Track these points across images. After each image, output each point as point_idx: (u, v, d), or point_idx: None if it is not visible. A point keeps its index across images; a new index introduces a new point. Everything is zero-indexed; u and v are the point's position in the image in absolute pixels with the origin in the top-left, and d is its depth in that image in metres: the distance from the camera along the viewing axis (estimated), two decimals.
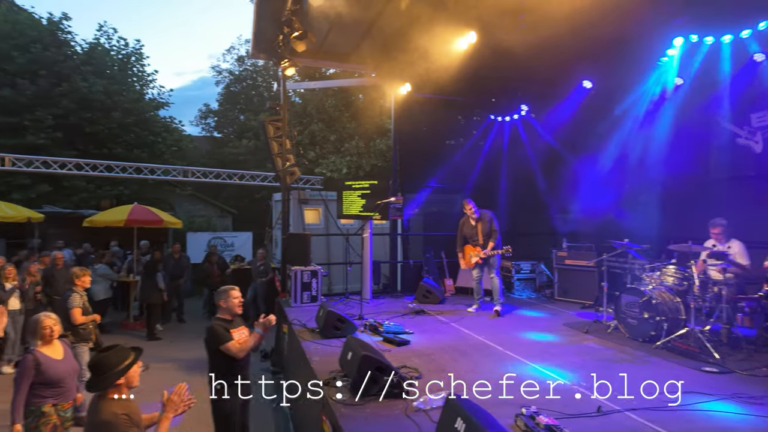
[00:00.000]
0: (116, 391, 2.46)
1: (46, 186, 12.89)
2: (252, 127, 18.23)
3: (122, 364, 2.46)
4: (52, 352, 3.56)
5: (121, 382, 2.46)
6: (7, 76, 12.93)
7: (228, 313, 3.81)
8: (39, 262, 8.07)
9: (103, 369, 2.43)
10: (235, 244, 14.17)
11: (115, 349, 2.55)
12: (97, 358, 2.48)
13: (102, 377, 2.42)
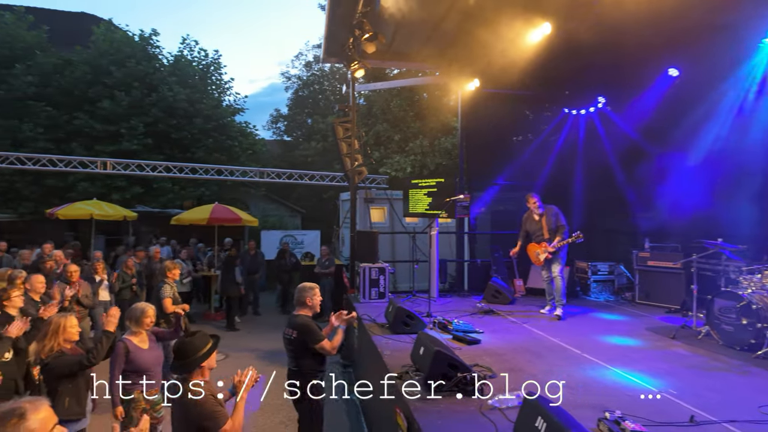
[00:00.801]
0: (199, 374, 2.63)
1: (139, 188, 14.22)
2: (320, 130, 18.87)
3: (204, 349, 2.65)
4: (139, 341, 3.82)
5: (203, 365, 2.64)
6: (107, 89, 14.40)
7: (310, 310, 3.90)
8: (134, 257, 8.91)
9: (187, 353, 2.61)
10: (304, 242, 14.73)
11: (197, 334, 2.73)
12: (182, 343, 2.67)
13: (187, 360, 2.60)
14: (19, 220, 13.97)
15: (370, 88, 8.57)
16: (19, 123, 13.48)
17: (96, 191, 13.13)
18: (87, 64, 14.65)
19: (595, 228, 8.33)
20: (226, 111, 16.88)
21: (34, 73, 13.96)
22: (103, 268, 7.44)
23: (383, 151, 15.07)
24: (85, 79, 14.47)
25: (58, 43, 15.83)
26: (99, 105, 14.10)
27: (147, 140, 14.37)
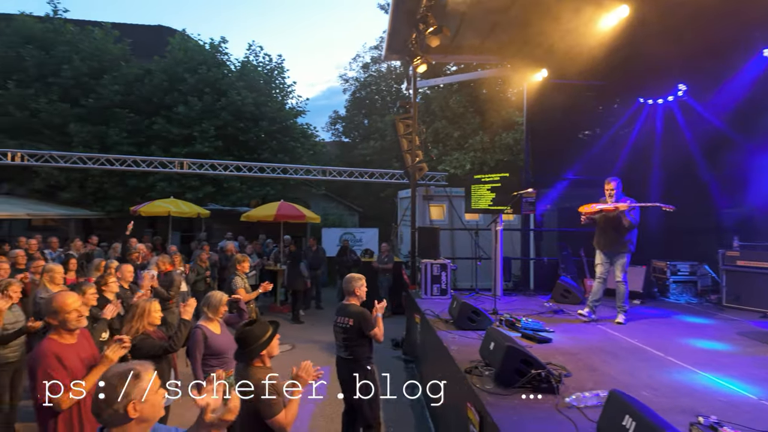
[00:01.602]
0: (260, 361, 2.70)
1: (210, 187, 15.09)
2: (378, 129, 19.06)
3: (264, 336, 2.70)
4: (214, 327, 4.09)
5: (264, 352, 2.69)
6: (181, 95, 15.41)
7: (359, 300, 4.13)
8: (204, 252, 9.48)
9: (248, 341, 2.67)
10: (363, 239, 14.95)
11: (257, 323, 2.79)
12: (243, 332, 2.71)
13: (248, 349, 2.66)
14: (106, 217, 15.33)
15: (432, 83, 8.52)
16: (107, 128, 14.77)
17: (173, 190, 14.11)
18: (164, 73, 15.77)
19: (674, 225, 7.73)
20: (289, 114, 17.49)
21: (119, 83, 15.23)
22: (180, 261, 7.97)
23: (442, 148, 14.95)
24: (162, 86, 15.58)
25: (139, 55, 17.19)
26: (175, 110, 15.13)
27: (218, 142, 15.23)
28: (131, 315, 3.82)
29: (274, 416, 2.49)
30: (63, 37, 15.56)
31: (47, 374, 2.56)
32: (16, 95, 14.15)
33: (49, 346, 2.68)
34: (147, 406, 1.70)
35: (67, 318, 2.76)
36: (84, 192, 14.74)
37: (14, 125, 14.17)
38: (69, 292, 2.98)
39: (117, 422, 1.68)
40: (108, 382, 1.68)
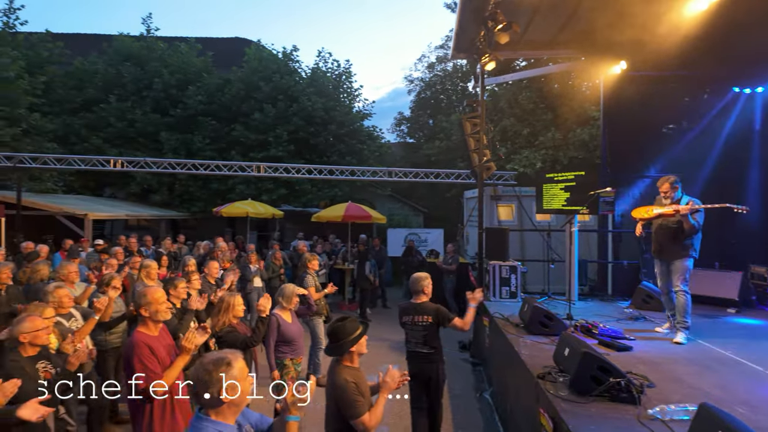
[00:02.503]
0: (349, 358, 2.77)
1: (284, 189, 15.88)
2: (443, 129, 18.94)
3: (354, 333, 2.77)
4: (286, 316, 4.49)
5: (353, 349, 2.76)
6: (257, 103, 16.35)
7: (428, 297, 4.29)
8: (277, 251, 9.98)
9: (339, 336, 2.76)
10: (428, 240, 14.93)
11: (348, 319, 2.87)
12: (335, 327, 2.81)
13: (339, 343, 2.75)
14: (191, 217, 16.66)
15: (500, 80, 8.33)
16: (192, 136, 16.05)
17: (250, 192, 15.02)
18: (241, 82, 16.82)
19: None
20: (356, 117, 17.91)
21: (202, 93, 16.50)
22: (256, 259, 8.49)
23: (510, 146, 14.53)
24: (240, 95, 16.63)
25: (219, 66, 18.49)
26: (251, 117, 16.09)
27: (290, 147, 15.98)
28: (217, 309, 4.15)
29: (357, 417, 2.55)
30: (154, 53, 17.14)
31: (142, 363, 2.79)
32: (116, 108, 15.80)
33: (141, 338, 2.91)
34: (237, 392, 1.86)
35: (158, 309, 3.03)
36: (172, 194, 16.13)
37: (115, 135, 15.85)
38: (159, 288, 3.29)
39: (212, 405, 1.85)
40: (205, 368, 1.85)
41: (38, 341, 3.05)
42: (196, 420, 1.86)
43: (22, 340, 2.98)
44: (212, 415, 1.85)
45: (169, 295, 4.66)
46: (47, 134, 13.96)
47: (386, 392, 2.69)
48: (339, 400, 2.59)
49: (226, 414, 1.87)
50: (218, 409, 1.85)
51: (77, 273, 5.23)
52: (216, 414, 1.85)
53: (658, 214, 4.90)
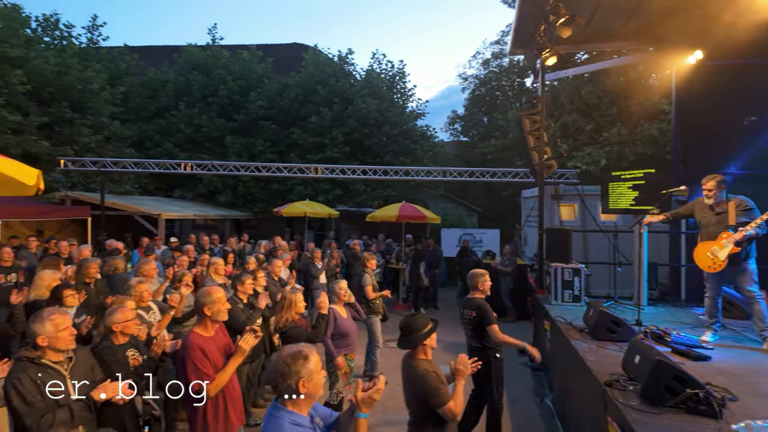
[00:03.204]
0: (423, 351, 2.86)
1: (339, 190, 16.23)
2: (499, 127, 18.52)
3: (426, 328, 2.87)
4: (341, 311, 4.70)
5: (426, 343, 2.85)
6: (314, 106, 16.83)
7: (483, 294, 4.39)
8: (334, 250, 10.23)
9: (411, 330, 2.86)
10: (483, 241, 14.67)
11: (419, 315, 2.98)
12: (407, 321, 2.92)
13: (411, 337, 2.85)
14: (253, 217, 17.45)
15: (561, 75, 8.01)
16: (254, 139, 16.80)
17: (307, 193, 15.49)
18: (299, 87, 17.38)
19: None
20: (409, 117, 17.95)
21: (263, 99, 17.22)
22: (319, 257, 8.76)
23: (572, 143, 13.94)
24: (298, 99, 17.19)
25: (278, 71, 19.20)
26: (309, 120, 16.59)
27: (345, 148, 16.31)
28: (281, 306, 4.34)
29: (444, 405, 2.63)
30: (219, 61, 18.11)
31: (194, 366, 2.85)
32: (185, 114, 16.87)
33: (195, 340, 2.94)
34: (312, 385, 1.98)
35: (220, 309, 3.10)
36: (236, 195, 16.98)
37: (184, 140, 16.92)
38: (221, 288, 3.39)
39: (289, 395, 1.97)
40: (284, 360, 1.97)
41: (128, 330, 3.35)
42: (274, 409, 1.98)
43: (114, 329, 3.28)
44: (288, 405, 1.96)
45: (237, 291, 4.96)
46: (125, 140, 15.18)
47: (462, 379, 2.76)
48: (422, 389, 2.67)
49: (301, 405, 1.97)
50: (295, 399, 1.96)
51: (156, 269, 5.67)
52: (292, 404, 1.96)
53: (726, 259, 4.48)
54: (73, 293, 4.42)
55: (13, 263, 6.15)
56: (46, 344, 2.54)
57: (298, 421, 1.94)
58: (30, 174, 3.71)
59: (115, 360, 3.20)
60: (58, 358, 2.60)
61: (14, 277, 5.93)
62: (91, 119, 13.12)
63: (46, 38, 14.12)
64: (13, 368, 2.51)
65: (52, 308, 2.67)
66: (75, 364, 2.68)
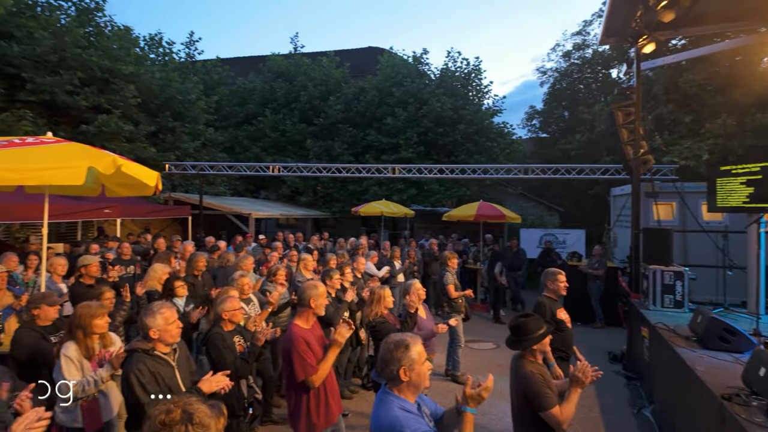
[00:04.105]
0: (531, 354, 2.75)
1: (413, 190, 16.32)
2: (583, 121, 17.52)
3: (539, 331, 2.74)
4: (421, 311, 4.65)
5: (536, 347, 2.74)
6: (389, 108, 17.08)
7: (554, 294, 4.18)
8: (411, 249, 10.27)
9: (522, 332, 2.75)
10: (566, 242, 13.97)
11: (532, 317, 2.83)
12: (518, 322, 2.81)
13: (521, 338, 2.74)
14: (331, 217, 18.10)
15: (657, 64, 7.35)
16: (332, 142, 17.42)
17: (383, 193, 15.77)
18: (375, 89, 17.73)
19: None
20: (485, 114, 17.59)
21: (340, 103, 17.80)
22: (398, 256, 8.87)
23: (668, 136, 12.82)
24: (374, 102, 17.54)
25: (355, 75, 19.75)
26: (384, 122, 16.86)
27: (419, 148, 16.37)
28: (370, 300, 4.47)
29: (547, 409, 2.53)
30: (300, 69, 19.00)
31: (300, 356, 2.97)
32: (270, 120, 17.92)
33: (298, 332, 3.07)
34: (414, 374, 2.04)
35: (322, 303, 3.27)
36: (316, 196, 17.72)
37: (270, 144, 17.99)
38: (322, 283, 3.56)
39: (392, 381, 2.07)
40: (387, 347, 2.08)
41: (235, 319, 3.65)
42: (383, 393, 2.09)
43: (224, 317, 3.59)
44: (395, 391, 2.06)
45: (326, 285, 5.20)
46: (219, 145, 16.46)
47: (578, 387, 2.60)
48: (526, 390, 2.61)
49: (406, 392, 2.05)
50: (399, 386, 2.04)
51: (252, 264, 6.11)
52: (398, 391, 2.05)
53: None
54: (182, 284, 4.91)
55: (131, 257, 6.94)
56: (157, 337, 2.74)
57: (407, 407, 2.01)
58: (150, 176, 4.16)
59: (225, 345, 3.50)
60: (166, 350, 2.81)
61: (132, 269, 6.70)
62: (190, 127, 14.39)
63: (152, 55, 15.72)
64: (131, 359, 2.68)
65: (160, 302, 2.87)
66: (179, 356, 2.90)
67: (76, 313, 3.11)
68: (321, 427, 3.10)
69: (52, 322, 3.50)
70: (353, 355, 5.87)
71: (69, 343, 3.07)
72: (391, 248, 9.17)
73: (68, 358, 3.00)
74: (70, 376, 2.95)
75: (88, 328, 3.08)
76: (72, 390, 2.90)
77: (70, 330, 3.10)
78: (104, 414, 3.13)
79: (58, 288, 5.00)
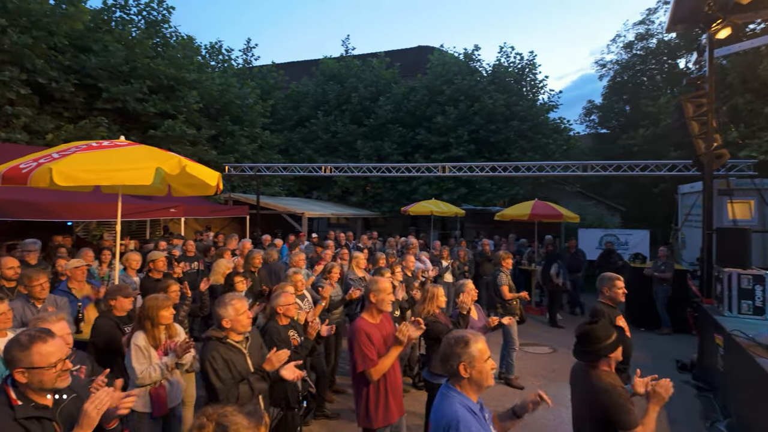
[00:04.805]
0: (606, 363, 2.51)
1: (464, 189, 16.08)
2: (647, 115, 16.48)
3: (610, 339, 2.50)
4: (473, 312, 4.56)
5: (611, 355, 2.50)
6: (439, 106, 16.93)
7: (611, 301, 3.90)
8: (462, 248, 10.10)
9: (591, 340, 2.51)
10: (629, 243, 13.20)
11: (601, 323, 2.59)
12: (585, 329, 2.58)
13: (591, 347, 2.50)
14: (381, 216, 18.22)
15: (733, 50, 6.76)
16: (382, 142, 17.53)
17: (432, 192, 15.65)
18: (425, 88, 17.64)
19: None
20: (540, 110, 17.01)
21: (390, 103, 17.87)
22: (447, 255, 8.76)
23: (744, 129, 11.78)
24: (424, 101, 17.46)
25: (405, 75, 19.76)
26: (434, 121, 16.74)
27: (470, 146, 16.10)
28: (422, 298, 4.44)
29: (632, 427, 2.31)
30: (351, 71, 19.28)
31: (360, 348, 3.06)
32: (322, 122, 18.32)
33: (362, 325, 3.16)
34: (475, 372, 2.02)
35: (384, 299, 3.28)
36: (366, 196, 17.91)
37: (322, 146, 18.40)
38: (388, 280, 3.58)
39: (453, 376, 2.06)
40: (448, 342, 2.08)
41: (289, 313, 3.76)
42: (445, 389, 2.09)
43: (279, 311, 3.71)
44: (457, 386, 2.05)
45: None
46: (274, 148, 17.06)
47: (658, 403, 2.40)
48: (606, 405, 2.37)
49: (468, 390, 2.04)
50: (461, 382, 2.04)
51: (304, 260, 6.27)
52: (460, 387, 2.04)
53: None
54: (241, 279, 5.12)
55: (195, 254, 7.34)
56: (229, 326, 2.89)
57: (469, 405, 2.00)
58: (212, 176, 4.37)
59: (280, 338, 3.61)
60: (238, 338, 2.96)
61: (197, 265, 7.08)
62: (247, 130, 15.02)
63: (212, 62, 16.56)
64: (206, 347, 2.88)
65: (233, 294, 3.02)
66: (251, 344, 3.05)
67: (144, 304, 3.33)
68: (378, 424, 3.12)
69: (127, 313, 3.76)
70: (404, 353, 5.85)
71: (138, 332, 3.28)
72: (440, 248, 9.08)
73: (137, 347, 3.22)
74: (138, 364, 3.16)
75: (156, 319, 3.28)
76: (139, 376, 3.12)
77: (139, 320, 3.32)
78: (170, 400, 3.32)
79: (133, 281, 5.37)
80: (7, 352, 1.89)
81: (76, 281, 4.43)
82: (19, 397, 1.85)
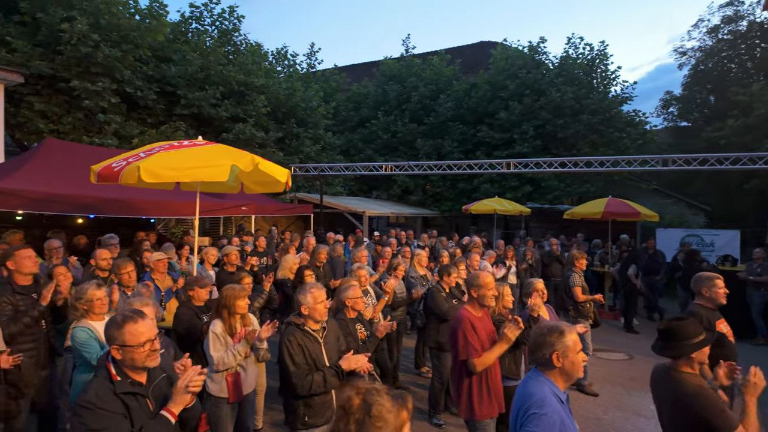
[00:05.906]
0: (689, 365, 2.35)
1: (529, 186, 15.50)
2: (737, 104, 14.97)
3: (698, 337, 2.34)
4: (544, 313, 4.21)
5: (694, 356, 2.34)
6: (502, 102, 16.45)
7: (711, 302, 3.65)
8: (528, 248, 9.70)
9: (676, 336, 2.37)
10: (715, 244, 12.08)
11: (689, 320, 2.44)
12: (672, 325, 2.44)
13: (674, 344, 2.37)
14: (440, 215, 18.03)
15: None
16: (442, 141, 17.34)
17: (495, 191, 15.23)
18: (487, 84, 17.23)
19: None
20: (612, 102, 16.03)
21: (451, 100, 17.64)
22: (512, 256, 8.48)
23: None
24: (485, 97, 17.05)
25: (466, 71, 19.41)
26: (496, 117, 16.30)
27: (536, 142, 15.50)
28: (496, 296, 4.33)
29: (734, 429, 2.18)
30: (411, 70, 19.26)
31: (465, 336, 3.12)
32: (383, 122, 18.46)
33: (466, 314, 3.26)
34: (568, 362, 1.98)
35: (486, 294, 3.32)
36: (425, 195, 17.81)
37: (382, 145, 18.55)
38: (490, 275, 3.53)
39: (544, 365, 2.03)
40: (541, 331, 2.05)
41: (357, 307, 3.78)
42: (534, 373, 2.06)
43: (348, 304, 3.75)
44: (547, 374, 2.02)
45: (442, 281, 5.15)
46: (336, 149, 17.44)
47: (754, 395, 2.25)
48: (699, 410, 2.23)
49: (558, 379, 2.02)
50: (552, 371, 2.01)
51: (366, 256, 6.33)
52: (550, 375, 2.01)
53: None
54: (311, 273, 5.26)
55: (264, 249, 7.66)
56: (307, 313, 2.99)
57: (558, 394, 1.98)
58: (282, 173, 4.53)
59: (347, 331, 3.64)
60: (315, 327, 3.04)
61: (265, 260, 7.39)
62: (311, 132, 15.47)
63: (278, 67, 17.24)
64: (286, 331, 3.01)
65: (313, 283, 3.14)
66: (327, 334, 3.11)
67: (222, 294, 3.49)
68: (482, 417, 3.18)
69: (204, 302, 3.98)
70: None
71: (216, 320, 3.45)
72: (504, 247, 8.79)
73: (215, 334, 3.39)
74: (215, 351, 3.33)
75: (232, 308, 3.43)
76: (216, 362, 3.28)
77: (217, 309, 3.49)
78: (245, 386, 3.46)
79: (209, 274, 5.69)
80: (106, 330, 2.07)
81: (158, 272, 4.77)
82: (118, 373, 2.00)
